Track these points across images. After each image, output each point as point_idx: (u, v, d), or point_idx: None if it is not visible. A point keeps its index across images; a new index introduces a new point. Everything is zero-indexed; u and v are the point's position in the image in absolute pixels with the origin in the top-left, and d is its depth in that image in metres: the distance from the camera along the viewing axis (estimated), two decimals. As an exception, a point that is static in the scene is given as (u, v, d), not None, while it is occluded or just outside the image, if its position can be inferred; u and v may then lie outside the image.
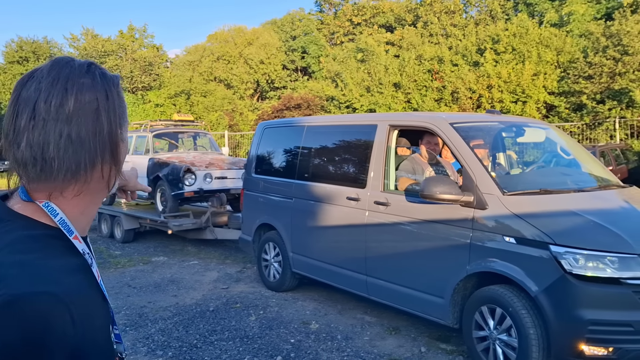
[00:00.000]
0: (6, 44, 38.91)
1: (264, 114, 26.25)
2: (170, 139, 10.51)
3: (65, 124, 0.90)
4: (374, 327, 5.27)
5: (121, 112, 1.01)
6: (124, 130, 1.02)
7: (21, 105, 0.93)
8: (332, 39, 39.87)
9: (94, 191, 0.98)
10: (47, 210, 0.93)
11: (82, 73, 0.95)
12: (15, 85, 0.98)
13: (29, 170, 0.92)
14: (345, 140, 5.70)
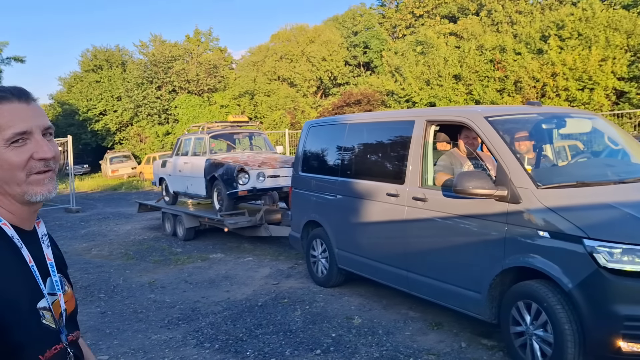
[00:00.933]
0: (82, 53, 41.06)
1: (324, 111, 26.44)
2: (227, 140, 10.85)
3: None
4: (416, 323, 5.29)
5: None
6: None
7: None
8: (394, 33, 39.56)
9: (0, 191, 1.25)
10: None
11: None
12: None
13: None
14: (385, 137, 5.74)
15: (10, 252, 1.23)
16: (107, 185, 26.48)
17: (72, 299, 1.43)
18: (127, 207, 15.99)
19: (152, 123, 33.75)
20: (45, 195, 1.26)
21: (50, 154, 1.24)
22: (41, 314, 1.24)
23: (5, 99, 1.24)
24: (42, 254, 1.33)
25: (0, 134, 1.22)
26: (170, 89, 33.50)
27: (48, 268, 1.33)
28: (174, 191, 11.32)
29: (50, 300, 1.27)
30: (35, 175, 1.24)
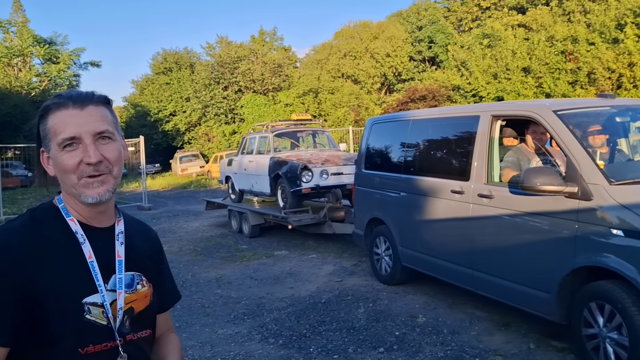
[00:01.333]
0: (153, 56, 42.58)
1: (388, 108, 26.25)
2: (290, 138, 10.97)
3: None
4: (483, 322, 5.17)
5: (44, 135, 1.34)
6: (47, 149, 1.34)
7: None
8: (459, 26, 38.71)
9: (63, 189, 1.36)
10: (57, 200, 1.39)
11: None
12: None
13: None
14: (449, 133, 5.63)
15: (72, 246, 1.31)
16: (177, 184, 27.35)
17: (146, 298, 1.44)
18: (196, 205, 16.46)
19: (219, 123, 34.59)
20: (95, 198, 1.30)
21: (94, 159, 1.28)
22: (86, 309, 1.27)
23: (61, 105, 1.31)
24: (112, 251, 1.38)
25: (55, 139, 1.30)
26: (236, 89, 34.21)
27: (115, 264, 1.37)
28: (239, 189, 11.56)
29: (108, 297, 1.31)
30: (86, 179, 1.30)
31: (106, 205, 1.37)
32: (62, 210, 1.35)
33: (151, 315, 1.48)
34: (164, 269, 1.63)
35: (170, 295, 1.66)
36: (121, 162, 1.36)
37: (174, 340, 1.65)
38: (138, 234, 1.52)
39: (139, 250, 1.47)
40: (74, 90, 1.39)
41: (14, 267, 1.21)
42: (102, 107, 1.35)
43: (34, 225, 1.31)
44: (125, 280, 1.38)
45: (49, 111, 1.32)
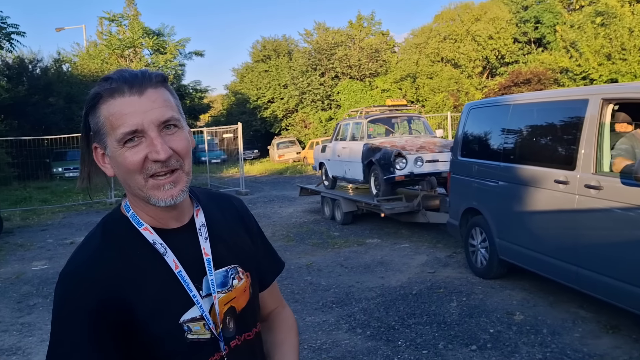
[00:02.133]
0: (252, 44, 43.59)
1: (490, 92, 25.18)
2: (384, 124, 10.75)
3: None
4: (588, 324, 4.77)
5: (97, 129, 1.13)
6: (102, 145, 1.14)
7: None
8: (569, 5, 36.24)
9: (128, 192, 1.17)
10: (124, 207, 1.20)
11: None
12: None
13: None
14: (553, 118, 5.21)
15: (155, 260, 1.13)
16: (274, 170, 27.93)
17: (245, 292, 1.26)
18: (291, 191, 16.68)
19: (316, 109, 34.84)
20: (168, 202, 1.10)
21: (163, 155, 1.07)
22: (186, 328, 1.12)
23: (116, 91, 1.08)
24: (197, 251, 1.20)
25: (113, 133, 1.09)
26: (333, 75, 34.26)
27: (204, 264, 1.19)
28: (332, 176, 11.52)
29: (205, 305, 1.16)
30: (154, 180, 1.09)
31: (180, 203, 1.16)
32: (132, 220, 1.15)
33: (255, 311, 1.30)
34: (259, 241, 1.40)
35: (271, 267, 1.44)
36: (190, 152, 1.14)
37: (288, 319, 1.44)
38: (221, 213, 1.31)
39: (226, 236, 1.26)
40: (125, 70, 1.13)
41: (104, 301, 1.06)
42: (162, 89, 1.12)
43: (111, 247, 1.13)
44: (218, 279, 1.20)
45: (100, 100, 1.10)
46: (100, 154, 1.15)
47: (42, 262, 8.48)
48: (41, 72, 27.59)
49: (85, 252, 1.13)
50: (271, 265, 1.45)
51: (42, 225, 12.63)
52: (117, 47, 35.65)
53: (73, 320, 1.06)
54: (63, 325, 1.07)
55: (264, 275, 1.40)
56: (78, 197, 17.30)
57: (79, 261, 1.11)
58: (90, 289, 1.06)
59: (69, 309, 1.07)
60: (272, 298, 1.44)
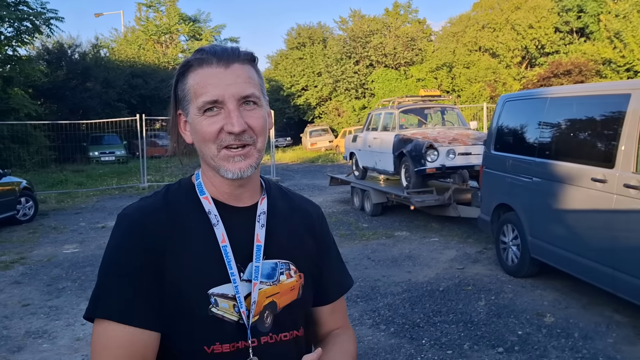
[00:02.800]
0: (287, 31, 43.48)
1: (528, 83, 24.56)
2: (417, 115, 10.54)
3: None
4: (623, 329, 4.56)
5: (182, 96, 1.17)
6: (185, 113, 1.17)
7: None
8: (615, -7, 35.08)
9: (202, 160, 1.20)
10: (195, 176, 1.24)
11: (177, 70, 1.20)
12: None
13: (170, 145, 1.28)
14: (592, 113, 4.97)
15: (205, 228, 1.15)
16: (305, 158, 27.89)
17: (292, 291, 1.21)
18: (322, 180, 16.61)
19: (350, 97, 34.61)
20: (236, 174, 1.12)
21: (237, 127, 1.09)
22: (212, 300, 1.10)
23: (204, 62, 1.13)
24: (251, 235, 1.18)
25: (195, 101, 1.13)
26: (367, 64, 33.94)
27: (253, 249, 1.17)
28: (363, 166, 11.39)
29: (243, 288, 1.13)
30: (226, 151, 1.12)
31: (248, 180, 1.18)
32: (197, 187, 1.20)
33: (298, 313, 1.23)
34: (328, 254, 1.36)
35: (338, 283, 1.37)
36: (266, 132, 1.17)
37: (345, 343, 1.31)
38: (293, 212, 1.29)
39: (286, 232, 1.24)
40: (217, 45, 1.18)
41: (147, 249, 1.10)
42: (248, 66, 1.16)
43: (167, 204, 1.17)
44: (265, 270, 1.17)
45: (189, 68, 1.14)
46: (183, 121, 1.19)
47: (74, 245, 8.61)
48: (79, 57, 28.07)
49: (144, 203, 1.18)
50: (338, 281, 1.38)
51: (76, 208, 12.86)
52: (154, 33, 36.08)
53: (119, 259, 1.11)
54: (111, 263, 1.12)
55: (328, 290, 1.34)
56: (112, 181, 17.61)
57: (136, 207, 1.17)
58: (139, 233, 1.11)
59: (117, 247, 1.12)
60: (333, 317, 1.35)
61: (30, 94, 22.84)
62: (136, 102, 28.73)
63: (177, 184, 1.23)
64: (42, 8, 19.67)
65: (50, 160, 20.56)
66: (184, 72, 1.15)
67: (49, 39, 25.10)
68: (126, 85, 29.14)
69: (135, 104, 28.40)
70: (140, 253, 1.09)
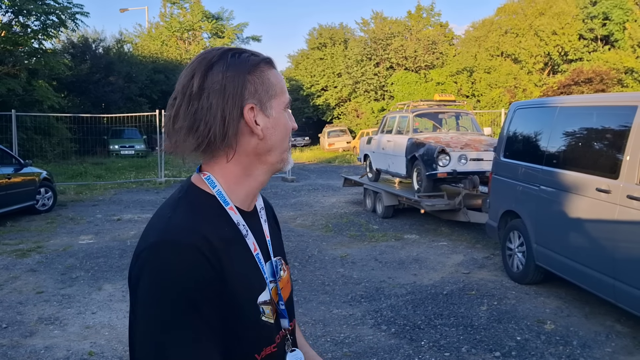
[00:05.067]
0: (309, 31, 43.64)
1: (548, 90, 24.37)
2: (431, 119, 10.59)
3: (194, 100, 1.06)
4: (622, 339, 4.59)
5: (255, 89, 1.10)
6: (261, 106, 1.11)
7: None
8: (642, 1, 34.58)
9: (243, 163, 1.12)
10: (207, 182, 1.12)
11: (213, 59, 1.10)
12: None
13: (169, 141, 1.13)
14: (599, 124, 5.01)
15: (238, 240, 1.11)
16: (323, 158, 28.00)
17: (288, 284, 1.27)
18: (337, 180, 16.69)
19: (369, 99, 34.64)
20: (290, 166, 1.20)
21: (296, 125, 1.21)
22: (261, 310, 1.11)
23: (273, 64, 1.17)
24: (261, 233, 1.21)
25: (281, 97, 1.15)
26: (387, 66, 33.94)
27: (268, 249, 1.21)
28: (376, 168, 11.46)
29: (270, 288, 1.15)
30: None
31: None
32: (218, 197, 1.11)
33: (293, 305, 1.31)
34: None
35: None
36: None
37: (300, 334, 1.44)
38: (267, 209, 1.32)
39: (272, 229, 1.28)
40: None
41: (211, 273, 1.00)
42: None
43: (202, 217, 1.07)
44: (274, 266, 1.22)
45: (267, 64, 1.15)
46: (256, 114, 1.11)
47: (89, 236, 8.82)
48: (103, 52, 28.51)
49: (180, 221, 1.04)
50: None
51: (93, 200, 13.13)
52: (177, 30, 36.44)
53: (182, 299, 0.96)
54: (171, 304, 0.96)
55: None
56: (130, 175, 17.89)
57: (178, 228, 1.02)
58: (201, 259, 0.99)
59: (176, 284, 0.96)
60: None
61: (54, 86, 23.27)
62: (157, 98, 29.10)
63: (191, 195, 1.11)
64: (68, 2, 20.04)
65: (71, 152, 20.94)
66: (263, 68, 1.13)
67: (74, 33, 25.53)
68: (148, 80, 29.54)
69: (156, 99, 28.78)
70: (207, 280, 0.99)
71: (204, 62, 1.09)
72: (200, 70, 1.07)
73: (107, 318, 5.22)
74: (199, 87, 1.06)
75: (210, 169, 1.13)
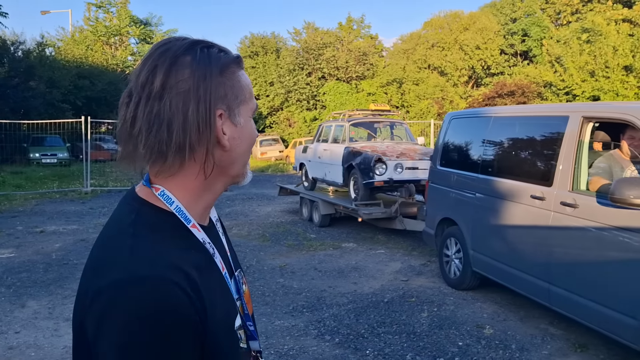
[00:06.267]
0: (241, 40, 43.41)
1: (474, 102, 25.34)
2: (367, 129, 10.71)
3: (155, 101, 0.89)
4: (557, 341, 4.76)
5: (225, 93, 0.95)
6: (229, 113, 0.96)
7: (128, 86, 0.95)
8: (557, 20, 36.74)
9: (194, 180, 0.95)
10: (163, 199, 0.94)
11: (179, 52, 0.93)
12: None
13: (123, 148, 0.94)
14: (533, 133, 5.20)
15: (206, 260, 0.96)
16: (255, 167, 27.76)
17: (250, 299, 1.15)
18: (271, 189, 16.56)
19: (301, 108, 34.78)
20: (250, 179, 1.05)
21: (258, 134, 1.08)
22: (239, 336, 0.98)
23: (242, 65, 1.01)
24: (222, 247, 1.06)
25: (249, 103, 1.01)
26: (319, 76, 34.25)
27: (231, 264, 1.06)
28: (312, 177, 11.45)
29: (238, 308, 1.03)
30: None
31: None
32: (178, 215, 0.94)
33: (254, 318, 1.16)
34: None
35: None
36: None
37: None
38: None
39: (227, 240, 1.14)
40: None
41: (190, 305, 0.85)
42: None
43: (170, 243, 0.91)
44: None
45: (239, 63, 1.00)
46: (222, 123, 0.95)
47: (9, 250, 8.28)
48: (23, 55, 27.05)
49: (141, 250, 0.87)
50: None
51: (13, 211, 12.36)
52: (103, 34, 35.24)
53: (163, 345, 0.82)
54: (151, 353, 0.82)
55: None
56: (53, 184, 17.03)
57: (144, 260, 0.86)
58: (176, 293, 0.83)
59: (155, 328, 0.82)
60: None
61: (-32, 90, 21.89)
62: (81, 104, 27.93)
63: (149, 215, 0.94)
64: (-15, 2, 18.94)
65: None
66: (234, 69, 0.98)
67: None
68: (72, 86, 28.29)
69: (80, 106, 27.61)
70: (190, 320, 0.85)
71: (167, 54, 0.92)
72: (163, 65, 0.90)
73: (33, 337, 4.88)
74: (161, 86, 0.89)
75: (162, 182, 0.95)
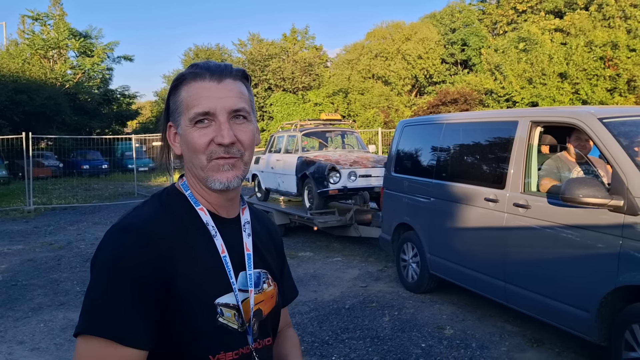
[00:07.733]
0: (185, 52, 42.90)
1: (419, 110, 25.93)
2: (319, 138, 10.80)
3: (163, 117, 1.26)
4: (514, 338, 4.94)
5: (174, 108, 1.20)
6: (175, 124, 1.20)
7: None
8: (494, 30, 38.13)
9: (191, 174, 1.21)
10: (181, 185, 1.24)
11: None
12: None
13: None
14: (484, 138, 5.41)
15: (204, 240, 1.16)
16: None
17: (272, 299, 1.28)
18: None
19: (248, 120, 34.65)
20: (224, 184, 1.15)
21: (227, 139, 1.13)
22: (218, 311, 1.13)
23: (198, 76, 1.16)
24: (240, 245, 1.23)
25: (187, 113, 1.15)
26: (266, 87, 34.27)
27: (244, 260, 1.22)
28: (266, 188, 11.44)
29: (241, 297, 1.17)
30: (215, 161, 1.14)
31: (235, 192, 1.22)
32: (189, 198, 1.20)
33: (276, 320, 1.32)
34: (285, 264, 1.49)
35: (290, 292, 1.50)
36: (253, 147, 1.21)
37: (294, 337, 1.49)
38: (260, 225, 1.36)
39: (263, 244, 1.31)
40: (211, 61, 1.22)
41: (157, 259, 1.07)
42: (239, 82, 1.20)
43: (170, 213, 1.16)
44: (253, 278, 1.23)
45: (183, 81, 1.18)
46: (173, 132, 1.21)
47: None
48: (-46, 70, 25.90)
49: (143, 212, 1.16)
50: (290, 289, 1.51)
51: (-49, 233, 11.77)
52: (41, 48, 34.10)
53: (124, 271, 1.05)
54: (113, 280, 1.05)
55: (286, 295, 1.45)
56: (-7, 203, 16.29)
57: (139, 217, 1.14)
58: (147, 244, 1.08)
59: (121, 258, 1.06)
60: (284, 318, 1.45)
61: None
62: (19, 120, 26.87)
63: (165, 195, 1.22)
64: None
65: None
66: (177, 85, 1.19)
67: None
68: (8, 101, 27.17)
69: (18, 121, 26.56)
70: (149, 264, 1.06)
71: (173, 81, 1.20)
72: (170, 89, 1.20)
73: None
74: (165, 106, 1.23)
75: (186, 175, 1.24)
